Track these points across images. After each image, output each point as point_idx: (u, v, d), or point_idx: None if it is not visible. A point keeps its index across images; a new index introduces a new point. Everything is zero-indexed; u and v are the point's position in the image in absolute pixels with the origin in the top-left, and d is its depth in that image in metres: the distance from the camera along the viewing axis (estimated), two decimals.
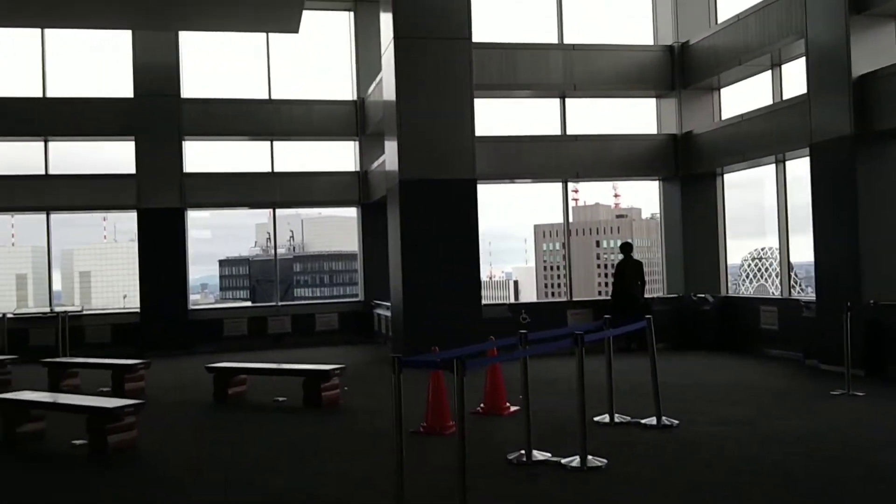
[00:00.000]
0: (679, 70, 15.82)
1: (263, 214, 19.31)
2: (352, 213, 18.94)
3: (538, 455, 6.54)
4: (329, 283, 32.28)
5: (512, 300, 20.15)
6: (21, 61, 16.92)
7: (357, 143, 18.40)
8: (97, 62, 17.52)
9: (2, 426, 8.09)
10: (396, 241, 13.48)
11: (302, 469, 6.70)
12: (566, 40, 15.79)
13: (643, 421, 7.84)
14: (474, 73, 13.51)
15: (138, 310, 16.79)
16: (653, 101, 16.56)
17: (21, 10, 13.83)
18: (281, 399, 9.99)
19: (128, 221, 17.22)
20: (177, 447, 7.82)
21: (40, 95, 16.79)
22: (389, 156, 14.09)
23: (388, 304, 14.86)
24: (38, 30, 16.56)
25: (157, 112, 16.86)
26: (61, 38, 16.89)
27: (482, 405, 8.66)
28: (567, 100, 15.92)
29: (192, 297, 17.90)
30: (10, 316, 16.35)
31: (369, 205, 17.89)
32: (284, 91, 17.98)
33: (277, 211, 18.32)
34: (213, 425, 9.04)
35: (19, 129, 16.67)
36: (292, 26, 14.91)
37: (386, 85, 14.07)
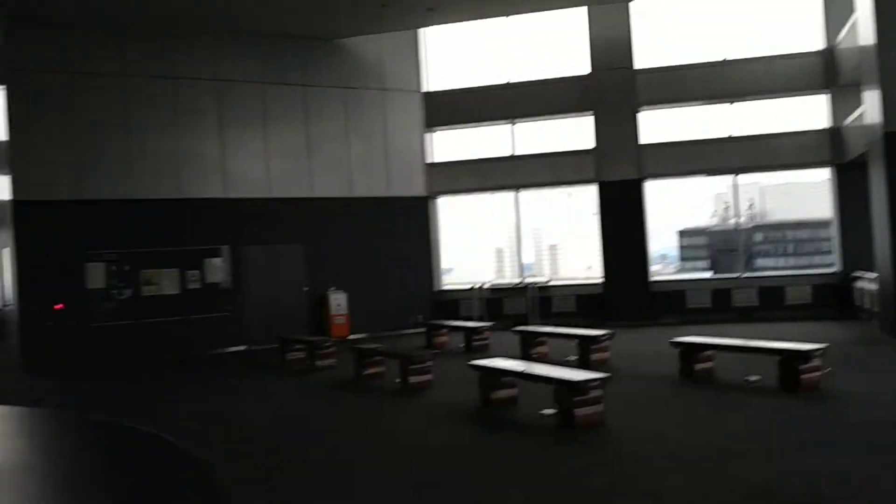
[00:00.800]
0: None
1: (720, 183, 18.43)
2: (816, 178, 17.13)
3: None
4: (793, 253, 29.89)
5: None
6: (488, 52, 18.38)
7: (828, 96, 16.52)
8: (554, 43, 18.25)
9: (480, 391, 8.74)
10: (882, 202, 11.74)
11: (783, 462, 6.03)
12: None
13: None
14: None
15: (601, 280, 17.26)
16: None
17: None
18: (753, 379, 9.27)
19: (589, 196, 17.73)
20: (645, 425, 7.62)
21: (506, 82, 18.12)
22: (869, 107, 12.32)
23: (874, 275, 13.07)
24: (503, 19, 17.79)
25: (613, 85, 17.09)
26: (521, 24, 17.95)
27: None
28: None
29: (653, 269, 17.80)
30: (487, 287, 18.02)
31: (845, 164, 15.92)
32: (743, 49, 16.86)
33: (736, 180, 17.32)
34: (682, 403, 8.72)
35: (490, 114, 18.19)
36: None
37: (862, 27, 12.29)
